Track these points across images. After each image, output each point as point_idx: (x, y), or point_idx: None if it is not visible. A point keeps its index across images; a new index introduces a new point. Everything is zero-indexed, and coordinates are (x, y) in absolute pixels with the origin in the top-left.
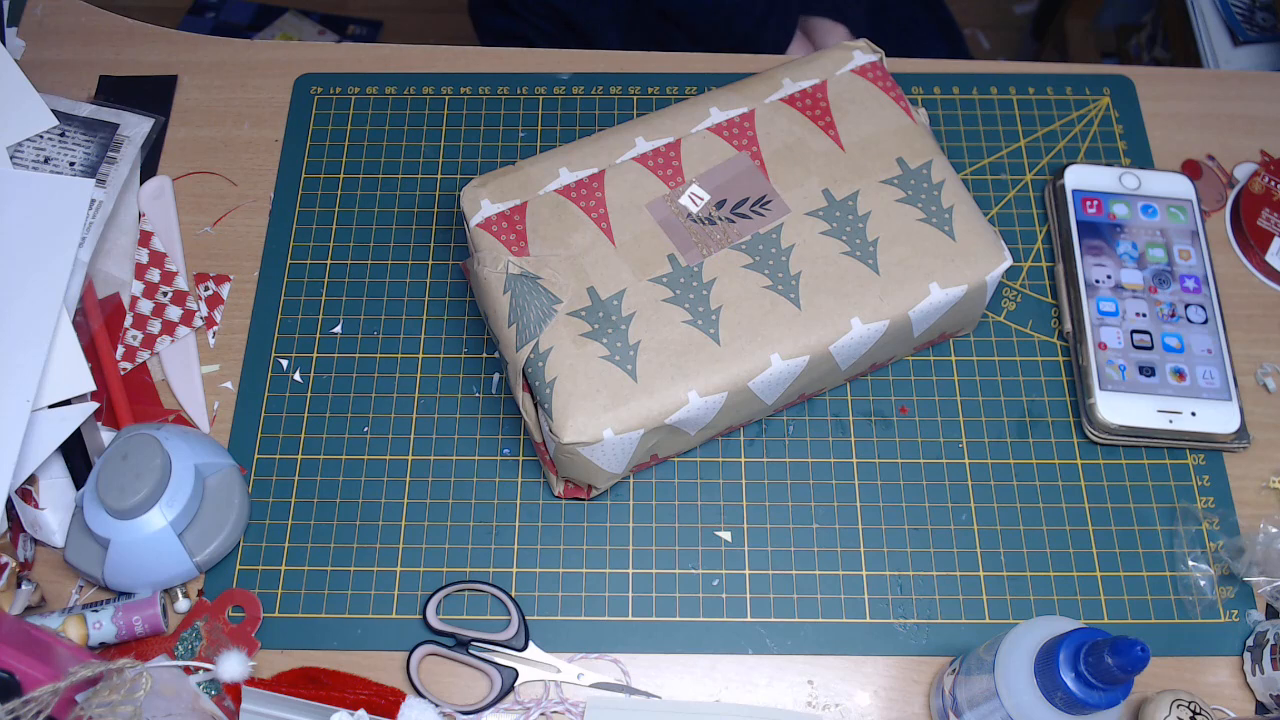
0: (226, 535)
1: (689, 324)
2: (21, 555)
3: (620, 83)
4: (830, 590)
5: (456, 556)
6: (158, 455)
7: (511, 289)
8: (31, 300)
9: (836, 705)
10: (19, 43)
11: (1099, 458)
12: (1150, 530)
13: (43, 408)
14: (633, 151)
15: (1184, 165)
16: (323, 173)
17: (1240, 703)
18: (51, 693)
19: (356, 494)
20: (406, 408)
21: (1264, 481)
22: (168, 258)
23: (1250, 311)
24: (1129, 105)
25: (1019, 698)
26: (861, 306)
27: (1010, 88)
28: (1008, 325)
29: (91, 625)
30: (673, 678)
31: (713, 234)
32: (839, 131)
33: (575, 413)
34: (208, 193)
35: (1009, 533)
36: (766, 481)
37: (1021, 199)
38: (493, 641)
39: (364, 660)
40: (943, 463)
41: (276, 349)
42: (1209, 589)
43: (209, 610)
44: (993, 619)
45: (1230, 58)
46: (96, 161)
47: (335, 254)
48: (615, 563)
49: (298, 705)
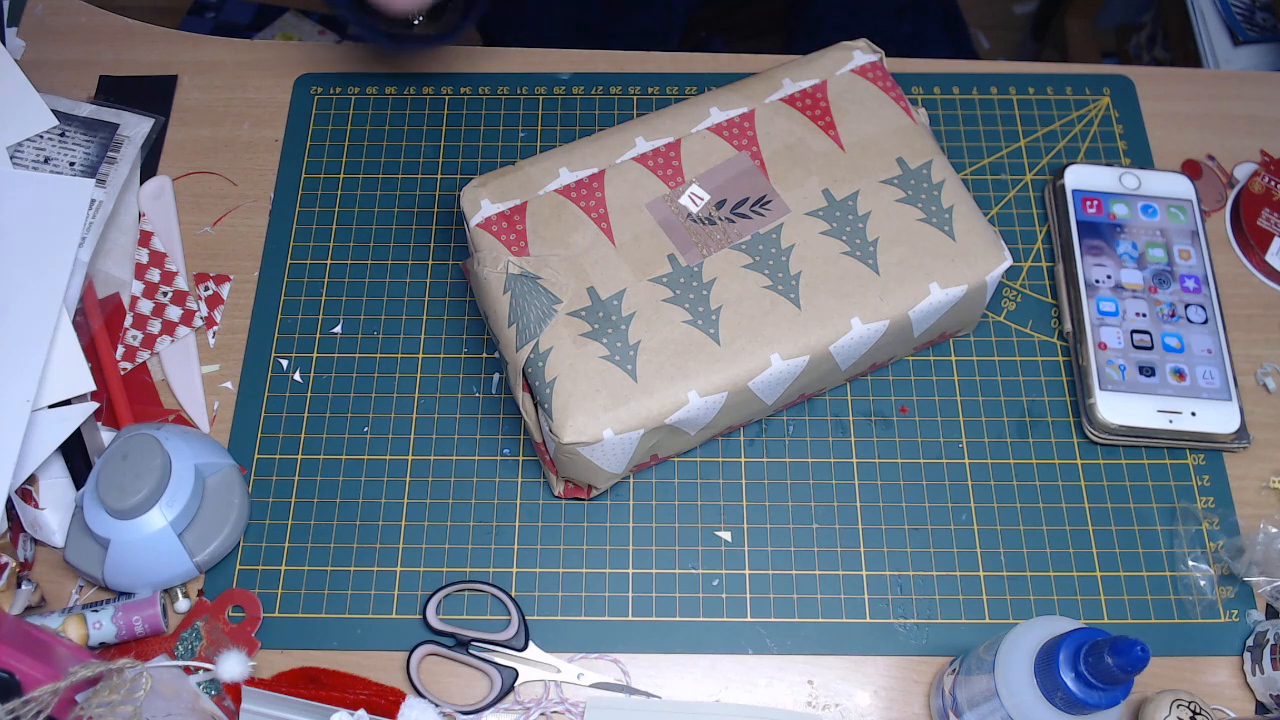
0: (226, 535)
1: (689, 324)
2: (21, 555)
3: (620, 83)
4: (830, 590)
5: (456, 556)
6: (158, 455)
7: (511, 289)
8: (31, 300)
9: (836, 705)
10: (19, 43)
11: (1099, 458)
12: (1150, 530)
13: (43, 408)
14: (633, 151)
15: (1184, 165)
16: (323, 173)
17: (1240, 703)
18: (51, 693)
19: (356, 494)
20: (406, 408)
21: (1264, 481)
22: (168, 258)
23: (1250, 311)
24: (1129, 105)
25: (1019, 698)
26: (861, 306)
27: (1010, 88)
28: (1008, 325)
29: (91, 625)
30: (673, 678)
31: (713, 234)
32: (839, 131)
33: (575, 413)
34: (208, 193)
35: (1009, 533)
36: (766, 481)
37: (1021, 199)
38: (493, 641)
39: (364, 660)
40: (943, 463)
41: (276, 349)
42: (1209, 589)
43: (209, 610)
44: (993, 619)
45: (1230, 58)
46: (96, 161)
47: (335, 254)
48: (615, 563)
49: (298, 705)
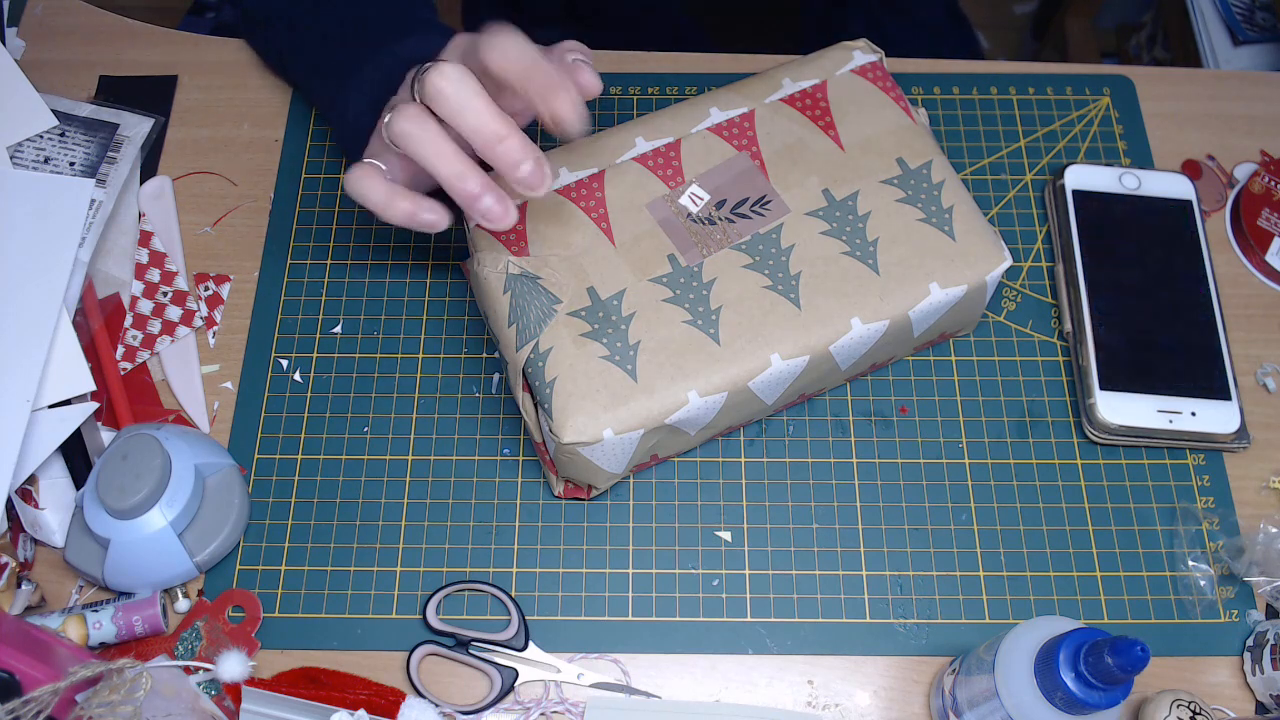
0: (226, 535)
1: (689, 324)
2: (21, 555)
3: (620, 83)
4: (830, 590)
5: (456, 556)
6: (158, 455)
7: (511, 289)
8: (31, 300)
9: (836, 705)
10: (19, 43)
11: (1099, 458)
12: (1150, 530)
13: (43, 408)
14: (633, 151)
15: (1184, 165)
16: (323, 173)
17: (1240, 703)
18: (51, 693)
19: (356, 494)
20: (406, 408)
21: (1264, 481)
22: (168, 258)
23: (1250, 311)
24: (1129, 105)
25: (1019, 698)
26: (861, 306)
27: (1010, 88)
28: (1008, 325)
29: (91, 625)
30: (673, 678)
31: (713, 234)
32: (839, 131)
33: (575, 413)
34: (208, 193)
35: (1009, 533)
36: (766, 481)
37: (1021, 199)
38: (493, 641)
39: (364, 660)
40: (943, 463)
41: (276, 349)
42: (1209, 589)
43: (209, 610)
44: (993, 619)
45: (1230, 58)
46: (96, 161)
47: (335, 254)
48: (615, 563)
49: (298, 705)
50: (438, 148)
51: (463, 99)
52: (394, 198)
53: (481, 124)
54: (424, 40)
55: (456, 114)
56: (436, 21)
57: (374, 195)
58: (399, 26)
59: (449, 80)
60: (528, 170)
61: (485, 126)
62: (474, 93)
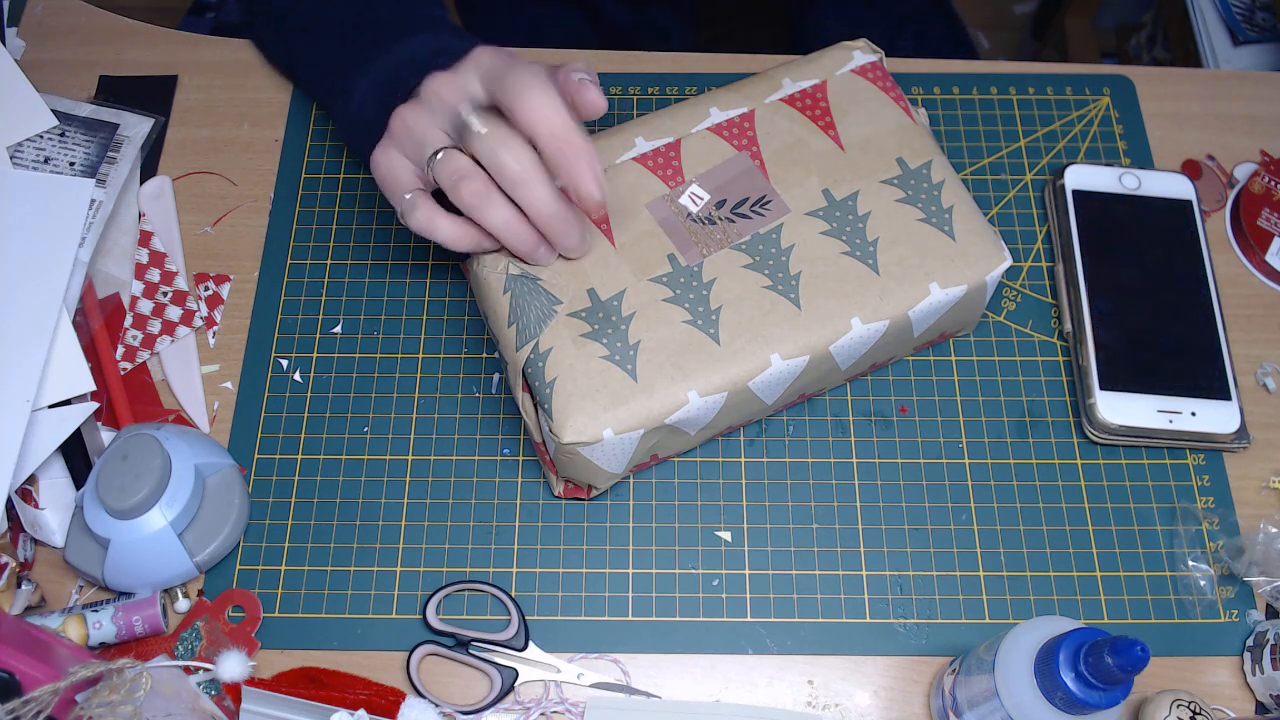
0: (226, 535)
1: (689, 324)
2: (21, 555)
3: (620, 83)
4: (830, 590)
5: (456, 556)
6: (158, 455)
7: (511, 289)
8: (31, 300)
9: (836, 705)
10: (19, 43)
11: (1099, 458)
12: (1150, 530)
13: (43, 408)
14: (632, 151)
15: (1184, 165)
16: (323, 173)
17: (1240, 703)
18: (51, 693)
19: (356, 494)
20: (406, 408)
21: (1264, 481)
22: (168, 258)
23: (1250, 311)
24: (1129, 105)
25: (1019, 698)
26: (861, 306)
27: (1010, 88)
28: (1008, 325)
29: (91, 625)
30: (673, 678)
31: (713, 234)
32: (839, 131)
33: (575, 413)
34: (208, 193)
35: (1009, 533)
36: (766, 481)
37: (1021, 199)
38: (493, 641)
39: (364, 660)
40: (943, 463)
41: (276, 349)
42: (1209, 589)
43: (209, 610)
44: (993, 619)
45: (1230, 58)
46: (96, 161)
47: (335, 254)
48: (615, 563)
49: (298, 705)
50: (504, 220)
51: (526, 177)
52: (466, 230)
53: (539, 201)
54: (433, 38)
55: (516, 186)
56: (446, 20)
57: (443, 233)
58: (408, 23)
59: (514, 157)
60: (573, 243)
61: (545, 207)
62: (537, 173)
